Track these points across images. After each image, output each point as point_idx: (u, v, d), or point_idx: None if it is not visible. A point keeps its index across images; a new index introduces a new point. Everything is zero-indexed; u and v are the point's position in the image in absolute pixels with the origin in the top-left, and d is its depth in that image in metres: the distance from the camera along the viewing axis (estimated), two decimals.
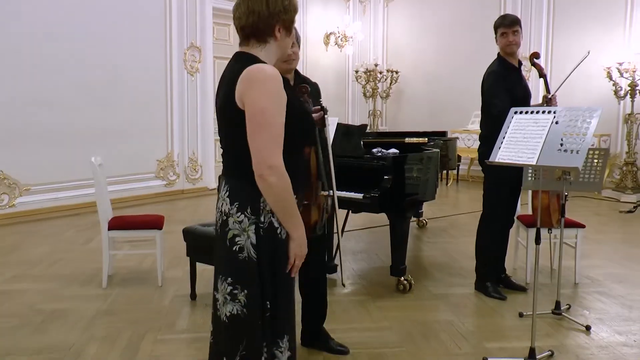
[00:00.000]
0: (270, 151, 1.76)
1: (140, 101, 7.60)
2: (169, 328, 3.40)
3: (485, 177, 4.08)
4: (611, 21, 8.49)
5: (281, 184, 1.78)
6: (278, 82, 1.80)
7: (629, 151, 8.12)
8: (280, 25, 1.89)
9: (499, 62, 3.96)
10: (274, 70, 1.81)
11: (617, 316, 3.63)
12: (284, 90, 1.81)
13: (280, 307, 1.91)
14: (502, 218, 3.99)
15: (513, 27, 3.86)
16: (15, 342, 3.18)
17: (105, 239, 4.10)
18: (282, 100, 1.80)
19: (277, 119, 1.78)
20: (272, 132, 1.77)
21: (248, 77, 1.79)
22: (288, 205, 1.84)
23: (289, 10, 1.90)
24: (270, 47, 1.91)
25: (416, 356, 3.04)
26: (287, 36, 1.93)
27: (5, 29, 6.23)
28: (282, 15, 1.88)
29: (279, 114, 1.78)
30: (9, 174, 6.40)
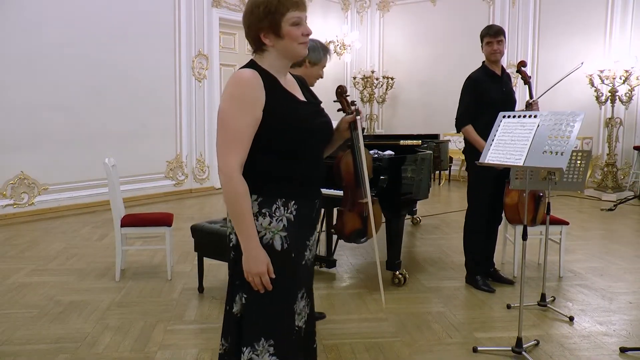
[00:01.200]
0: (222, 153, 1.68)
1: (150, 106, 7.59)
2: (178, 319, 3.40)
3: (468, 175, 4.11)
4: (593, 32, 8.50)
5: (228, 188, 1.67)
6: (245, 85, 1.69)
7: (610, 153, 8.13)
8: (264, 31, 1.74)
9: (481, 69, 4.01)
10: (247, 74, 1.70)
11: (598, 307, 3.64)
12: (254, 93, 1.69)
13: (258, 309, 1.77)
14: (485, 214, 3.99)
15: (497, 37, 3.89)
16: (36, 331, 3.18)
17: (118, 235, 4.10)
18: (244, 103, 1.67)
19: (233, 121, 1.66)
20: (227, 135, 1.67)
21: (228, 81, 1.77)
22: (236, 212, 1.68)
23: (264, 16, 1.72)
24: (270, 54, 1.77)
25: (410, 345, 3.04)
26: (279, 37, 1.73)
27: (24, 37, 6.23)
28: (259, 23, 1.73)
29: (237, 117, 1.66)
30: (28, 174, 6.40)
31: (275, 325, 1.79)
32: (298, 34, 1.74)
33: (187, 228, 4.53)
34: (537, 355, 2.93)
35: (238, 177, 1.67)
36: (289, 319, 1.82)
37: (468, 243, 4.07)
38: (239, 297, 1.82)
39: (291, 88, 1.83)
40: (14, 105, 6.21)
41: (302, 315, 1.90)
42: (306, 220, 1.83)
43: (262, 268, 1.70)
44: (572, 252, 4.94)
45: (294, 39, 1.74)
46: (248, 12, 1.75)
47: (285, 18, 1.71)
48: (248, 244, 1.70)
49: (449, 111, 9.75)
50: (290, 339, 1.83)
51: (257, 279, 1.71)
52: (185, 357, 2.89)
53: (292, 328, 1.84)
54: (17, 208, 6.31)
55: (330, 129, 1.92)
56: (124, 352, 2.94)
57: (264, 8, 1.71)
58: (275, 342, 1.77)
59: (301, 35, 1.75)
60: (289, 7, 1.71)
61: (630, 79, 7.67)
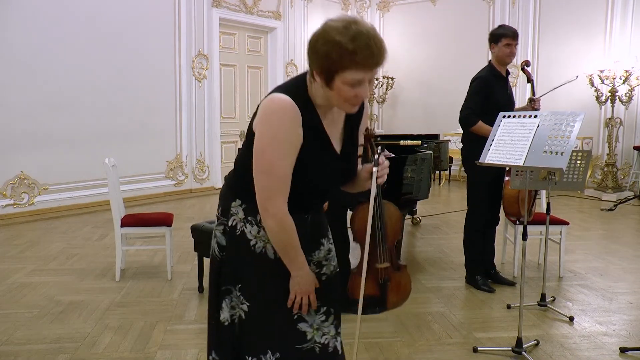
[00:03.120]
0: (270, 197, 1.58)
1: (151, 106, 7.59)
2: (178, 319, 3.40)
3: (467, 176, 4.11)
4: (593, 31, 8.50)
5: (279, 229, 1.60)
6: (286, 122, 1.52)
7: (610, 153, 8.13)
8: (316, 68, 1.51)
9: (489, 69, 3.97)
10: (284, 104, 1.52)
11: (598, 307, 3.64)
12: (296, 134, 1.53)
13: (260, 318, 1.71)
14: (484, 215, 3.99)
15: (516, 39, 3.87)
16: (36, 331, 3.18)
17: (119, 235, 4.10)
18: (288, 147, 1.54)
19: (279, 167, 1.55)
20: (273, 181, 1.56)
21: (262, 106, 1.57)
22: (284, 248, 1.64)
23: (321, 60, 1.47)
24: (318, 89, 1.56)
25: (410, 345, 3.04)
26: (326, 85, 1.51)
27: (24, 37, 6.23)
28: (316, 61, 1.50)
29: (282, 161, 1.54)
30: (28, 174, 6.40)
31: (278, 335, 1.71)
32: (350, 95, 1.50)
33: (187, 228, 4.54)
34: (537, 355, 2.93)
35: (289, 219, 1.61)
36: (291, 328, 1.72)
37: (468, 243, 4.08)
38: (225, 304, 1.75)
39: (330, 123, 1.66)
40: (14, 105, 6.21)
41: (322, 330, 1.75)
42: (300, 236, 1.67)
43: (312, 287, 1.69)
44: (572, 252, 4.94)
45: (343, 98, 1.51)
46: (311, 43, 1.51)
47: (342, 75, 1.47)
48: (302, 271, 1.67)
49: (449, 111, 9.85)
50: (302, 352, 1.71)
51: (305, 298, 1.69)
52: (185, 357, 2.89)
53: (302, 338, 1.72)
54: (17, 208, 6.31)
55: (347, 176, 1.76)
56: (124, 352, 2.94)
57: (324, 53, 1.46)
58: (281, 355, 1.70)
59: (353, 97, 1.51)
60: (349, 65, 1.45)
61: (630, 79, 7.66)
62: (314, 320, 1.74)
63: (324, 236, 1.83)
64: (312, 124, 1.58)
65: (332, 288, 1.82)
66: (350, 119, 1.72)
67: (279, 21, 9.28)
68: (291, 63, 9.57)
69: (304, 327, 1.73)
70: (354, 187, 1.81)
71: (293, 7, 9.54)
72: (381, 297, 1.95)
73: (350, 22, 1.47)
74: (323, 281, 1.79)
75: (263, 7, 8.98)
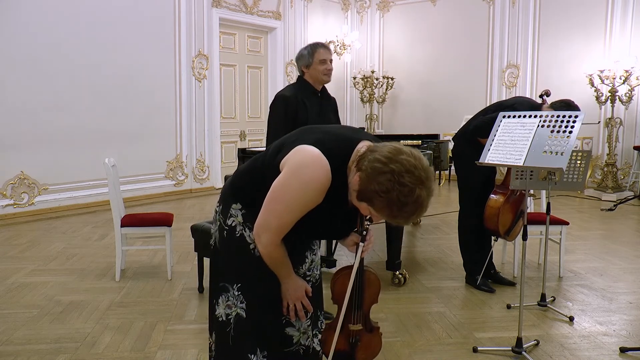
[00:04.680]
0: (265, 228, 1.63)
1: (151, 106, 7.59)
2: (178, 319, 3.40)
3: (458, 176, 4.10)
4: (592, 32, 8.51)
5: (266, 255, 1.69)
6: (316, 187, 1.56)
7: (610, 153, 8.13)
8: (371, 195, 1.55)
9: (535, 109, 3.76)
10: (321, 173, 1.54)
11: (598, 307, 3.64)
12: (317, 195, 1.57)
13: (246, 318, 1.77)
14: (476, 215, 3.99)
15: None
16: (36, 331, 3.18)
17: (119, 235, 4.10)
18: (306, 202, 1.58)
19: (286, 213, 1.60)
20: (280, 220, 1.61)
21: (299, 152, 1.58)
22: (272, 266, 1.73)
23: (380, 194, 1.50)
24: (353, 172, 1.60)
25: (410, 345, 3.04)
26: (357, 198, 1.58)
27: (24, 37, 6.23)
28: (369, 185, 1.54)
29: (297, 210, 1.60)
30: (28, 174, 6.40)
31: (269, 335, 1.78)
32: (366, 212, 1.59)
33: (187, 228, 4.54)
34: (537, 355, 2.93)
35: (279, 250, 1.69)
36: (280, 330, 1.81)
37: (464, 244, 4.08)
38: (222, 300, 1.81)
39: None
40: (14, 105, 6.21)
41: (307, 334, 1.87)
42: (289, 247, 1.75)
43: (301, 293, 1.79)
44: (572, 252, 4.94)
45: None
46: (383, 170, 1.46)
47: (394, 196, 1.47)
48: (290, 280, 1.77)
49: (448, 111, 9.89)
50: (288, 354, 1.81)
51: (298, 304, 1.79)
52: (185, 357, 2.89)
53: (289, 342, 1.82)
54: (17, 208, 6.31)
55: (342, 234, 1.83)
56: (124, 352, 2.94)
57: (385, 188, 1.46)
58: (269, 353, 1.78)
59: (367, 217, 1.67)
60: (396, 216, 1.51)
61: (630, 79, 7.66)
62: (301, 325, 1.84)
63: (308, 249, 1.91)
64: (337, 190, 1.60)
65: (315, 293, 1.91)
66: None
67: (279, 21, 9.28)
68: (291, 63, 9.57)
69: (291, 332, 1.83)
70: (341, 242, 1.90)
71: (293, 7, 9.54)
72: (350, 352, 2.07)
73: (412, 164, 1.47)
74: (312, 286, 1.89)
75: (263, 7, 8.98)
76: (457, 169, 4.11)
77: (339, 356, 2.03)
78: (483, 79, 9.46)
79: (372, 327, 2.12)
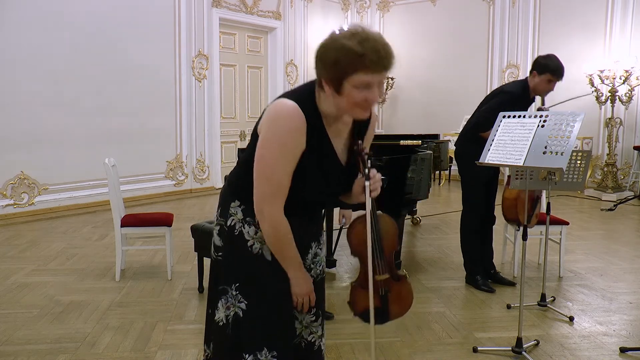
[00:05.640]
0: (266, 202, 1.61)
1: (151, 106, 7.59)
2: (178, 319, 3.40)
3: (461, 176, 4.08)
4: (593, 32, 8.51)
5: (275, 235, 1.64)
6: (286, 128, 1.54)
7: (610, 153, 8.13)
8: (325, 79, 1.52)
9: (523, 88, 3.81)
10: (290, 112, 1.53)
11: (598, 307, 3.64)
12: (298, 141, 1.55)
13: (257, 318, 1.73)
14: (479, 214, 3.99)
15: (561, 78, 3.71)
16: (36, 331, 3.18)
17: (119, 235, 4.10)
18: (289, 153, 1.55)
19: (277, 172, 1.57)
20: (271, 186, 1.59)
21: (268, 110, 1.59)
22: (279, 249, 1.68)
23: (330, 67, 1.48)
24: (327, 98, 1.57)
25: (410, 345, 3.04)
26: (336, 92, 1.51)
27: (24, 37, 6.23)
28: (323, 69, 1.51)
29: (281, 167, 1.56)
30: (28, 174, 6.40)
31: (275, 333, 1.73)
32: (360, 99, 1.50)
33: (187, 228, 4.54)
34: (537, 355, 2.93)
35: (283, 223, 1.64)
36: (288, 328, 1.77)
37: (466, 244, 4.07)
38: (221, 304, 1.76)
39: (336, 134, 1.67)
40: (14, 105, 6.21)
41: (310, 329, 1.84)
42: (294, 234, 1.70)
43: (310, 288, 1.75)
44: (572, 252, 4.94)
45: (353, 103, 1.51)
46: (319, 52, 1.52)
47: (351, 78, 1.47)
48: (298, 272, 1.72)
49: (448, 111, 9.89)
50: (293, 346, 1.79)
51: (306, 299, 1.75)
52: (185, 357, 2.89)
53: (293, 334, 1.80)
54: (17, 208, 6.31)
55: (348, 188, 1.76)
56: (124, 352, 2.94)
57: (333, 58, 1.47)
58: (278, 352, 1.72)
59: (363, 101, 1.51)
60: (358, 68, 1.46)
61: (630, 79, 7.66)
62: (303, 318, 1.82)
63: (314, 240, 1.86)
64: (317, 132, 1.60)
65: (318, 289, 1.86)
66: (356, 131, 1.73)
67: (279, 21, 9.28)
68: (291, 63, 9.57)
69: (295, 324, 1.82)
70: (349, 199, 1.82)
71: (293, 7, 9.53)
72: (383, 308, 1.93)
73: (357, 28, 1.50)
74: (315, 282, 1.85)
75: (263, 7, 8.98)
76: (460, 169, 4.09)
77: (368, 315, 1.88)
78: (483, 78, 9.46)
79: (399, 276, 1.98)
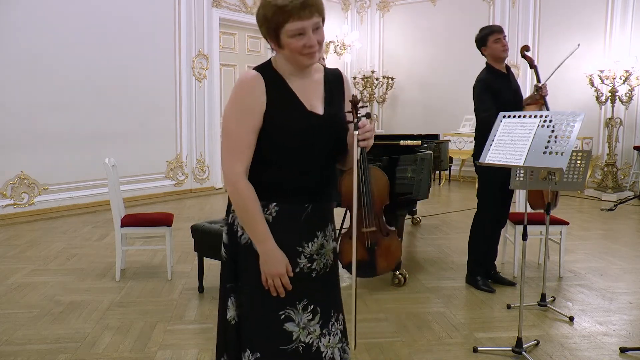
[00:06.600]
0: (226, 160, 1.65)
1: (151, 106, 7.59)
2: (179, 319, 3.40)
3: (478, 176, 4.08)
4: (593, 31, 8.50)
5: (235, 195, 1.64)
6: (245, 89, 1.63)
7: (610, 153, 8.13)
8: (265, 35, 1.65)
9: (488, 70, 3.94)
10: (249, 76, 1.65)
11: (598, 307, 3.64)
12: (254, 98, 1.62)
13: (243, 317, 1.71)
14: (494, 216, 3.98)
15: (503, 32, 3.86)
16: (36, 331, 3.18)
17: (119, 235, 4.10)
18: (244, 109, 1.62)
19: (234, 128, 1.63)
20: (229, 142, 1.64)
21: None
22: (245, 216, 1.64)
23: (263, 23, 1.62)
24: (280, 57, 1.68)
25: (410, 345, 3.04)
26: (280, 47, 1.63)
27: (24, 37, 6.23)
28: (261, 29, 1.64)
29: (238, 123, 1.62)
30: (28, 174, 6.40)
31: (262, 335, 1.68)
32: (299, 46, 1.59)
33: (187, 228, 4.53)
34: (537, 355, 2.93)
35: (243, 183, 1.63)
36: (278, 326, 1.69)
37: (474, 245, 4.05)
38: (231, 302, 1.74)
39: (304, 90, 1.70)
40: (14, 105, 6.21)
41: (308, 329, 1.72)
42: (292, 225, 1.69)
43: (281, 269, 1.64)
44: (572, 252, 4.94)
45: (296, 52, 1.61)
46: (256, 16, 1.66)
47: (284, 30, 1.58)
48: (264, 247, 1.64)
49: (448, 111, 9.89)
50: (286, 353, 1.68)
51: (277, 280, 1.65)
52: (185, 357, 2.89)
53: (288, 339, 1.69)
54: (17, 208, 6.31)
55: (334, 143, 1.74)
56: (124, 352, 2.94)
57: (262, 15, 1.61)
58: (262, 354, 1.67)
59: (303, 47, 1.59)
60: (287, 17, 1.56)
61: (630, 79, 7.66)
62: (300, 319, 1.71)
63: (321, 229, 1.77)
64: (277, 86, 1.66)
65: (321, 286, 1.77)
66: (328, 85, 1.77)
67: None
68: None
69: (290, 327, 1.70)
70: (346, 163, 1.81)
71: None
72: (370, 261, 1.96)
73: None
74: (312, 277, 1.74)
75: None
76: (476, 168, 4.05)
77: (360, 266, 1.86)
78: None
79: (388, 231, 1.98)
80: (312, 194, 1.73)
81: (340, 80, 1.81)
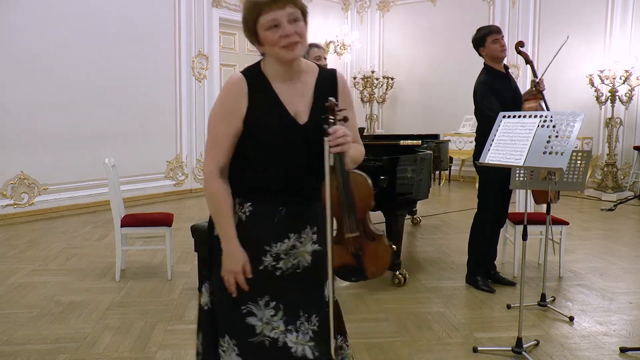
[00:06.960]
0: (205, 155, 1.74)
1: (151, 106, 7.59)
2: (178, 319, 3.40)
3: (478, 177, 4.08)
4: (593, 31, 8.50)
5: (207, 191, 1.71)
6: (228, 92, 1.69)
7: (610, 153, 8.13)
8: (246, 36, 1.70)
9: (487, 71, 3.93)
10: (232, 78, 1.70)
11: (598, 307, 3.64)
12: (234, 102, 1.67)
13: (216, 304, 1.79)
14: (494, 215, 3.98)
15: (501, 32, 3.87)
16: (36, 331, 3.18)
17: (119, 235, 4.10)
18: (225, 111, 1.68)
19: (213, 127, 1.70)
20: (209, 139, 1.72)
21: None
22: (215, 214, 1.73)
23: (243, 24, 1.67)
24: (268, 58, 1.70)
25: (410, 345, 3.04)
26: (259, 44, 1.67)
27: (24, 37, 6.23)
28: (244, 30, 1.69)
29: (217, 123, 1.69)
30: (28, 174, 6.40)
31: (233, 324, 1.75)
32: (275, 38, 1.61)
33: (187, 228, 4.53)
34: (537, 355, 2.93)
35: (216, 182, 1.69)
36: (241, 320, 1.74)
37: (474, 245, 4.05)
38: (205, 288, 1.84)
39: (290, 95, 1.70)
40: (14, 105, 6.21)
41: (271, 325, 1.74)
42: (265, 225, 1.72)
43: (237, 267, 1.69)
44: (572, 252, 4.94)
45: (274, 45, 1.62)
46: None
47: (259, 24, 1.62)
48: (227, 245, 1.71)
49: (448, 111, 9.89)
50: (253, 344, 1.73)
51: (231, 278, 1.70)
52: (185, 357, 2.88)
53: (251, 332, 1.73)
54: (17, 208, 6.31)
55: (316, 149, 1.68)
56: (124, 352, 2.94)
57: (243, 16, 1.65)
58: (237, 342, 1.73)
59: (279, 39, 1.60)
60: (260, 10, 1.60)
61: (630, 79, 7.66)
62: (263, 314, 1.74)
63: (295, 232, 1.77)
64: (261, 90, 1.68)
65: (293, 285, 1.79)
66: (318, 89, 1.74)
67: None
68: None
69: (253, 321, 1.74)
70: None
71: None
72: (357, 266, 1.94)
73: None
74: (276, 275, 1.76)
75: None
76: (477, 168, 4.05)
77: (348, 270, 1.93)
78: None
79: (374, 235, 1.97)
80: (288, 197, 1.74)
81: (334, 83, 1.79)
